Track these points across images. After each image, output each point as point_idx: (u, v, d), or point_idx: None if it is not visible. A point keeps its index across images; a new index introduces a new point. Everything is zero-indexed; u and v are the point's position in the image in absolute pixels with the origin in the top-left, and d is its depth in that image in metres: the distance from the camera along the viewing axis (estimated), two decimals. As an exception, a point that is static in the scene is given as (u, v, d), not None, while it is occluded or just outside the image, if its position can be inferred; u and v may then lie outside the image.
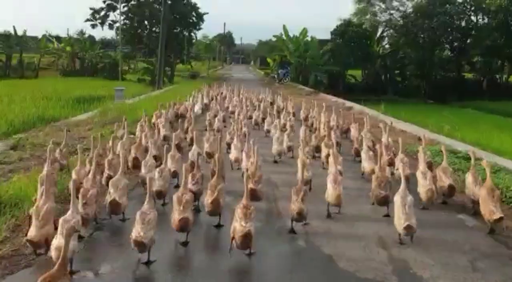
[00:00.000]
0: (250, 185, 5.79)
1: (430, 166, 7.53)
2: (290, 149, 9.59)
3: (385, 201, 6.22)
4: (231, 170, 8.32)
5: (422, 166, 7.06)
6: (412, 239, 5.35)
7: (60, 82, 32.75)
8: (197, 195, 6.13)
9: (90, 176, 5.87)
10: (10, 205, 5.69)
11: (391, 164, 7.87)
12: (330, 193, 6.13)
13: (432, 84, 47.00)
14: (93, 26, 41.74)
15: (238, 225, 4.75)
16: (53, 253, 4.20)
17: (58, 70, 45.20)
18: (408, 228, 5.15)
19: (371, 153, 8.12)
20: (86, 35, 52.88)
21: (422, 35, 45.70)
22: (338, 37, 43.67)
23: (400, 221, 5.26)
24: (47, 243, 4.50)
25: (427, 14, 43.15)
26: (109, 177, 6.24)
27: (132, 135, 9.58)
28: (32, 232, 4.49)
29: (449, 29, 44.57)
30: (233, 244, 4.82)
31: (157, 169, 6.45)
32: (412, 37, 44.76)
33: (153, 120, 11.57)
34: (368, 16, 49.48)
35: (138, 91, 26.68)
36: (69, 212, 4.57)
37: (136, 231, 4.56)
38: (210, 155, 8.29)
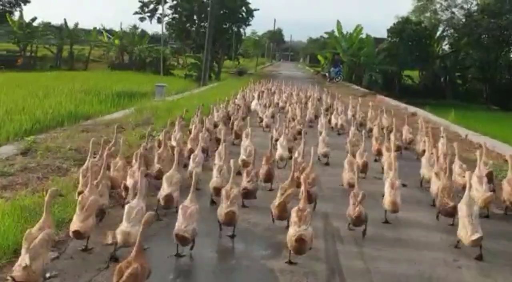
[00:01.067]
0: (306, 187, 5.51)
1: (490, 177, 6.82)
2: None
3: (453, 212, 5.68)
4: (277, 168, 8.03)
5: (478, 170, 6.46)
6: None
7: (106, 75, 32.25)
8: (253, 193, 6.18)
9: (134, 168, 5.88)
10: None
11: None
12: (387, 199, 5.85)
13: (496, 88, 43.50)
14: (142, 19, 41.24)
15: (292, 230, 4.59)
16: (119, 237, 4.36)
17: (107, 63, 45.04)
18: (476, 241, 4.82)
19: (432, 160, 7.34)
20: (139, 30, 52.77)
21: (487, 35, 42.35)
22: (395, 36, 40.98)
23: (466, 232, 4.89)
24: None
25: (494, 12, 39.79)
26: (159, 170, 6.42)
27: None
28: (75, 223, 4.49)
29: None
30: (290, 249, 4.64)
31: (216, 166, 6.44)
32: (476, 37, 41.47)
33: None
34: (427, 14, 46.54)
35: (183, 87, 25.60)
36: (135, 200, 4.71)
37: (178, 225, 4.57)
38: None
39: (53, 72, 34.96)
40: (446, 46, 45.90)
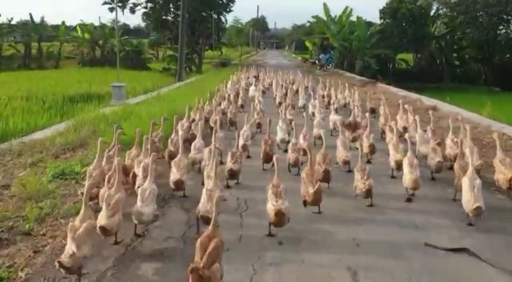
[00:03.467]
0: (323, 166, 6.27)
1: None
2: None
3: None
4: (278, 149, 8.38)
5: (500, 153, 6.38)
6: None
7: (71, 74, 28.82)
8: (236, 174, 6.57)
9: (141, 157, 6.10)
10: None
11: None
12: (407, 177, 6.01)
13: (495, 68, 40.73)
14: (111, 9, 37.53)
15: (270, 205, 4.87)
16: (134, 216, 4.78)
17: (78, 60, 41.40)
18: (477, 209, 5.05)
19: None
20: (121, 23, 48.88)
21: (484, 12, 39.45)
22: (388, 17, 37.87)
23: (469, 202, 5.15)
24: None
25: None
26: (171, 153, 7.08)
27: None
28: (103, 220, 4.53)
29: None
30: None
31: (230, 153, 6.74)
32: (473, 15, 38.53)
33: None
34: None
35: (155, 84, 22.34)
36: (147, 182, 5.02)
37: (203, 207, 4.83)
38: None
39: (15, 72, 31.62)
40: (441, 26, 42.75)
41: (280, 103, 12.68)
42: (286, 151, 7.91)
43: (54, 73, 30.82)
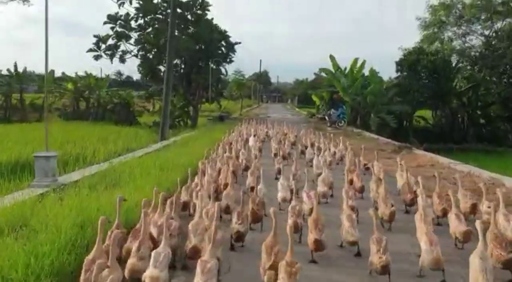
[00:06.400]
0: (314, 235, 5.62)
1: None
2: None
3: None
4: (279, 210, 7.40)
5: (502, 207, 6.10)
6: None
7: (42, 129, 24.34)
8: (243, 236, 6.10)
9: (155, 217, 5.76)
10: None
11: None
12: (426, 256, 5.17)
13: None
14: (97, 57, 33.68)
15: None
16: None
17: (58, 113, 37.03)
18: None
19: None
20: (124, 76, 45.22)
21: (510, 67, 35.66)
22: (406, 69, 33.87)
23: None
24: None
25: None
26: None
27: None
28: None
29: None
30: None
31: (235, 213, 6.30)
32: (501, 69, 34.67)
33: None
34: (437, 44, 39.98)
35: (128, 145, 17.80)
36: (161, 245, 4.79)
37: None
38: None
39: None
40: (462, 81, 38.76)
41: (275, 154, 12.93)
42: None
43: (28, 127, 26.46)
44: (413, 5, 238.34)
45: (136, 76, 73.09)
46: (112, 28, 33.53)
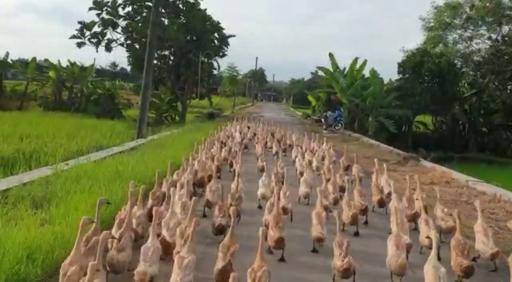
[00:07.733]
0: (275, 233, 5.70)
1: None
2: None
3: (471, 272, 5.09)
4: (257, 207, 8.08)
5: (480, 220, 5.93)
6: None
7: (18, 118, 22.30)
8: (225, 228, 5.98)
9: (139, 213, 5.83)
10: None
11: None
12: (392, 260, 5.11)
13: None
14: (80, 45, 31.47)
15: None
16: (136, 277, 4.31)
17: (40, 102, 34.75)
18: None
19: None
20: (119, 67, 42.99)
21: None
22: (409, 71, 31.95)
23: None
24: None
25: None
26: None
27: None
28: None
29: None
30: None
31: (217, 206, 6.44)
32: (508, 75, 32.89)
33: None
34: (441, 46, 38.15)
35: (98, 141, 15.79)
36: (149, 240, 4.72)
37: (174, 277, 4.63)
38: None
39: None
40: (466, 85, 36.96)
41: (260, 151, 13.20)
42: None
43: (5, 117, 24.27)
44: (416, 6, 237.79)
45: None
46: (98, 15, 31.42)
